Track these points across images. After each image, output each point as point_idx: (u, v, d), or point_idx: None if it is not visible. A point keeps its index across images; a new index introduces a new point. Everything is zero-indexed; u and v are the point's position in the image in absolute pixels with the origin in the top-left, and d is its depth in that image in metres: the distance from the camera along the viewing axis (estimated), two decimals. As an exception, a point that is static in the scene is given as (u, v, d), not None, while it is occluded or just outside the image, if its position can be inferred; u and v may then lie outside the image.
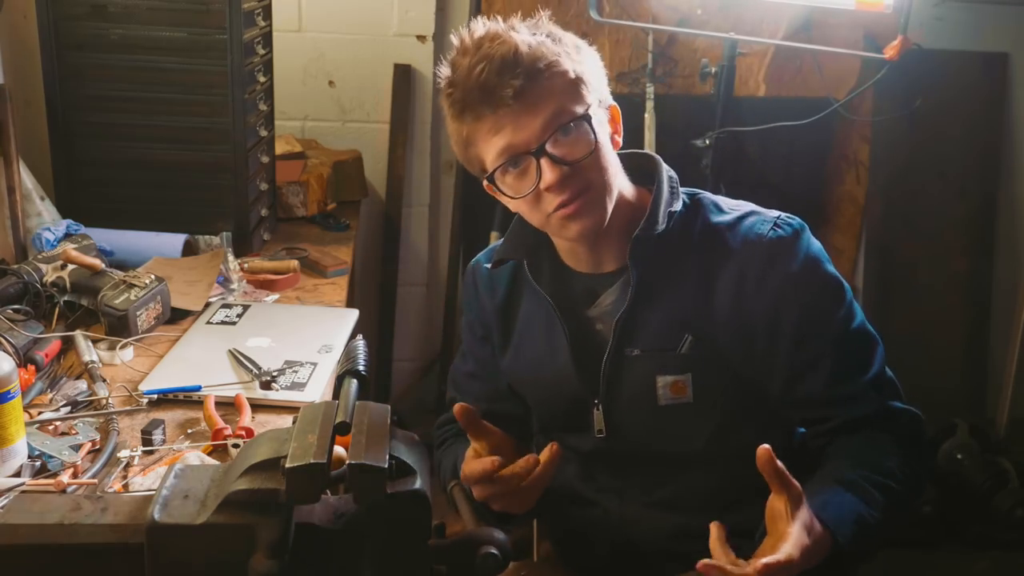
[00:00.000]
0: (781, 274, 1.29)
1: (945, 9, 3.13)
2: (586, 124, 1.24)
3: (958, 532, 2.89)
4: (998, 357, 3.36)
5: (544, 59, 1.22)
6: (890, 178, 3.28)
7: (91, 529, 0.92)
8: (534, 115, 1.22)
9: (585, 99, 1.26)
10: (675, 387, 1.31)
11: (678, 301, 1.30)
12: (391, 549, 0.96)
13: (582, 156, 1.23)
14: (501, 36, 1.23)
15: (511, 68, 1.20)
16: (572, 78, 1.24)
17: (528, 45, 1.22)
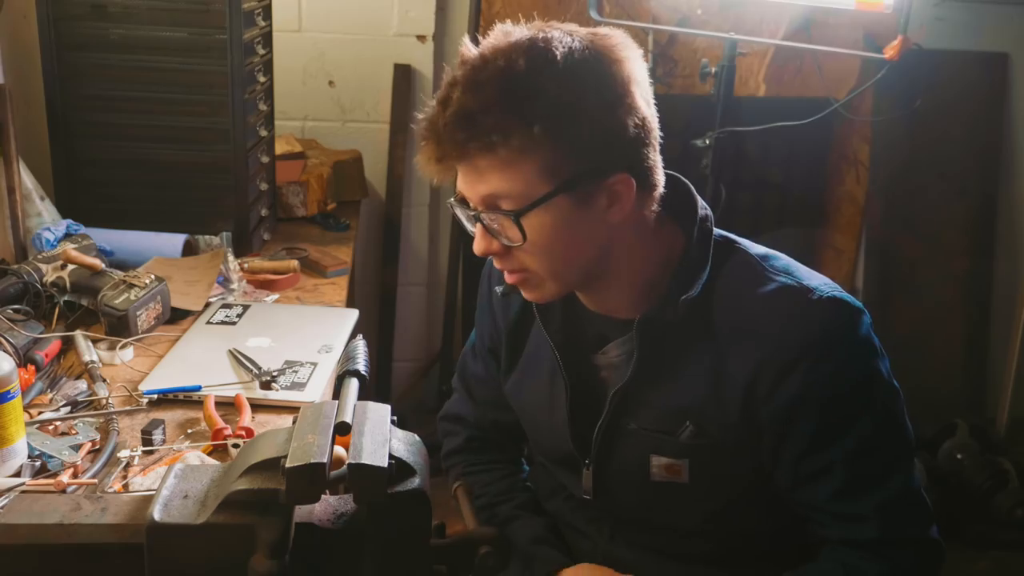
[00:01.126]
0: (806, 372, 1.12)
1: (945, 9, 3.13)
2: (511, 221, 1.09)
3: (958, 532, 2.89)
4: (998, 357, 3.36)
5: (479, 136, 1.05)
6: (890, 178, 3.28)
7: (91, 529, 0.92)
8: (473, 184, 1.11)
9: (529, 186, 1.07)
10: (670, 469, 1.21)
11: (684, 386, 1.18)
12: (391, 549, 0.96)
13: (511, 243, 1.12)
14: (462, 83, 1.07)
15: (454, 130, 1.06)
16: (512, 163, 1.06)
17: (472, 109, 1.05)
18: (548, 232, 1.10)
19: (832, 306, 1.14)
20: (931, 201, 3.32)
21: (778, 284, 1.16)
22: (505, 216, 1.09)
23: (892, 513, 1.16)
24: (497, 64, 1.06)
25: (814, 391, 1.12)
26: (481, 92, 1.05)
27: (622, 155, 1.10)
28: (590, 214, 1.11)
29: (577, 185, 1.08)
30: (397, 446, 0.98)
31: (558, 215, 1.09)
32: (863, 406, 1.14)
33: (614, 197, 1.11)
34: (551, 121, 1.05)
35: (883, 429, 1.16)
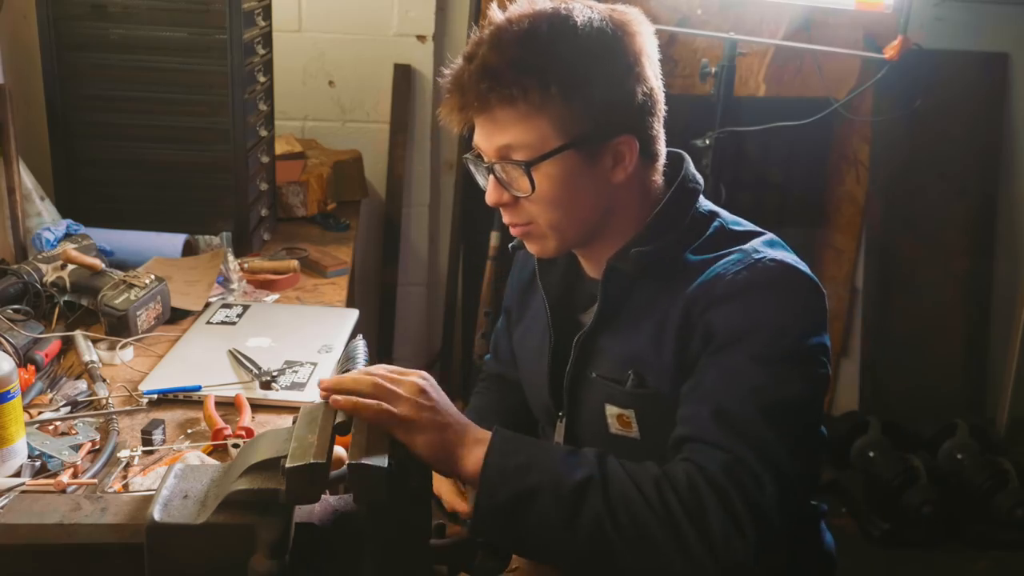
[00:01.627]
0: (726, 311, 1.15)
1: (945, 9, 3.13)
2: (522, 172, 1.17)
3: (958, 532, 2.89)
4: (998, 357, 3.36)
5: (488, 92, 1.14)
6: (890, 178, 3.28)
7: (91, 529, 0.92)
8: (491, 135, 1.19)
9: (542, 139, 1.16)
10: (621, 420, 1.26)
11: (633, 335, 1.23)
12: (391, 549, 0.96)
13: (520, 194, 1.20)
14: (488, 41, 1.16)
15: (478, 81, 1.15)
16: (529, 116, 1.15)
17: (497, 65, 1.14)
18: (555, 184, 1.18)
19: (772, 263, 1.17)
20: (931, 201, 3.32)
21: (738, 249, 1.21)
22: (516, 166, 1.17)
23: (729, 424, 1.08)
24: (522, 26, 1.15)
25: (727, 324, 1.13)
26: (506, 50, 1.14)
27: (629, 120, 1.19)
28: (595, 172, 1.19)
29: (586, 143, 1.17)
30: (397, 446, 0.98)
31: (565, 169, 1.17)
32: (764, 364, 1.11)
33: (618, 158, 1.19)
34: (567, 82, 1.14)
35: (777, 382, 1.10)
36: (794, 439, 1.08)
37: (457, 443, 1.04)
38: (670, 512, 1.01)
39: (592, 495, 1.02)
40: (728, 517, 1.00)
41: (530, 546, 1.05)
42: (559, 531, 1.01)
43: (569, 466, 1.04)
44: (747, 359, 1.10)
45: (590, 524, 1.01)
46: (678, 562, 1.00)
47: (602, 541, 1.01)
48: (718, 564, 0.99)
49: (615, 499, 1.02)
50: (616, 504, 1.01)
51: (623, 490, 1.02)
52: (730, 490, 1.01)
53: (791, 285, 1.17)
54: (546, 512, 1.01)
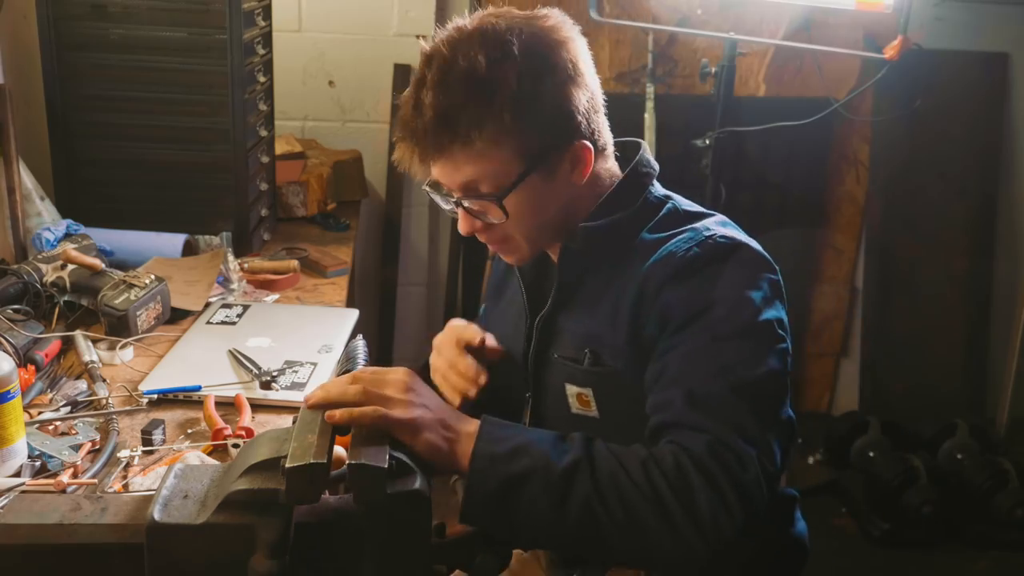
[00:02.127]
0: (679, 287, 1.17)
1: (945, 9, 3.13)
2: (493, 204, 1.20)
3: (958, 532, 2.89)
4: (998, 357, 3.36)
5: (450, 141, 1.16)
6: (890, 178, 3.28)
7: (91, 529, 0.92)
8: (452, 174, 1.21)
9: (504, 170, 1.18)
10: (580, 399, 1.27)
11: (590, 314, 1.26)
12: (391, 549, 0.96)
13: (494, 221, 1.23)
14: (432, 85, 1.18)
15: (433, 129, 1.17)
16: (488, 153, 1.17)
17: (447, 110, 1.15)
18: (524, 205, 1.21)
19: (723, 239, 1.20)
20: (931, 201, 3.32)
21: (689, 228, 1.23)
22: (487, 199, 1.20)
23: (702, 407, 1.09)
24: (460, 64, 1.16)
25: (683, 304, 1.15)
26: (452, 91, 1.16)
27: (579, 125, 1.22)
28: (557, 181, 1.23)
29: (545, 159, 1.20)
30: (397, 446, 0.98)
31: (532, 189, 1.20)
32: (726, 341, 1.12)
33: (576, 162, 1.23)
34: (517, 106, 1.16)
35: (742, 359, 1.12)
36: (768, 415, 1.10)
37: (455, 440, 1.05)
38: (658, 493, 1.02)
39: (581, 478, 1.03)
40: (716, 496, 1.01)
41: (521, 531, 1.05)
42: (549, 515, 1.02)
43: (557, 451, 1.05)
44: (708, 339, 1.12)
45: (580, 507, 1.02)
46: (667, 541, 1.01)
47: (592, 523, 1.02)
48: (707, 543, 1.00)
49: (603, 481, 1.03)
50: (605, 486, 1.02)
51: (611, 472, 1.03)
52: (716, 470, 1.02)
53: (742, 260, 1.19)
54: (536, 497, 1.02)
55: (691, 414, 1.08)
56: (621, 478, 1.03)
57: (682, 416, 1.09)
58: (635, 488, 1.02)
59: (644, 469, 1.03)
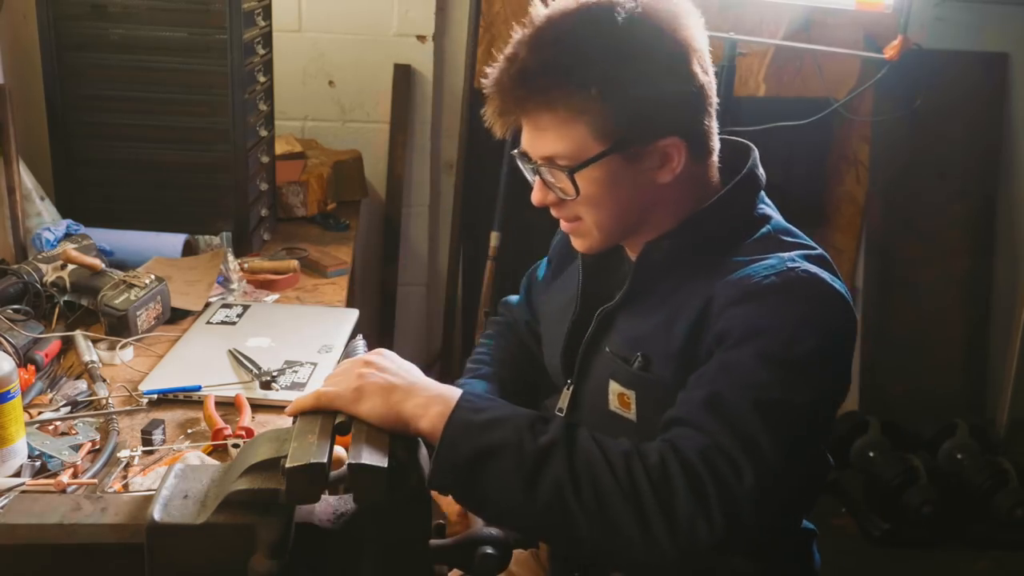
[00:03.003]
0: (746, 309, 1.10)
1: (945, 9, 3.13)
2: (566, 176, 1.17)
3: (958, 532, 2.89)
4: (998, 357, 3.36)
5: (540, 94, 1.13)
6: (890, 178, 3.28)
7: (91, 529, 0.92)
8: (535, 139, 1.18)
9: (584, 143, 1.14)
10: (621, 399, 1.24)
11: (651, 319, 1.21)
12: (391, 549, 0.96)
13: (565, 197, 1.20)
14: (527, 42, 1.14)
15: (518, 86, 1.14)
16: (570, 121, 1.14)
17: (535, 69, 1.13)
18: (599, 188, 1.17)
19: (804, 274, 1.12)
20: (931, 201, 3.33)
21: (775, 256, 1.16)
22: (561, 171, 1.16)
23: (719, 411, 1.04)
24: (561, 27, 1.14)
25: (743, 324, 1.09)
26: (543, 53, 1.13)
27: (674, 120, 1.16)
28: (640, 173, 1.18)
29: (628, 146, 1.15)
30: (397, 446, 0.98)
31: (609, 172, 1.16)
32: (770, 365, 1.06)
33: (664, 159, 1.17)
34: (607, 84, 1.12)
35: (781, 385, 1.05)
36: (788, 443, 1.03)
37: (403, 401, 1.02)
38: (635, 486, 0.97)
39: (556, 460, 0.99)
40: (696, 500, 0.96)
41: (487, 506, 1.01)
42: (517, 493, 0.98)
43: (536, 430, 1.01)
44: (754, 355, 1.06)
45: (550, 489, 0.98)
46: (637, 539, 0.96)
47: (561, 509, 0.97)
48: (677, 547, 0.96)
49: (579, 467, 0.99)
50: (580, 472, 0.98)
51: (589, 459, 0.99)
52: (703, 474, 0.98)
53: (816, 297, 1.12)
54: (506, 472, 0.98)
55: (702, 414, 1.04)
56: (598, 467, 0.99)
57: (692, 414, 1.05)
58: (612, 479, 0.98)
59: (625, 462, 0.99)
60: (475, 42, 2.94)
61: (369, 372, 1.04)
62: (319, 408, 1.01)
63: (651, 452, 1.01)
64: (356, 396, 1.01)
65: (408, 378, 1.06)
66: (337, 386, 1.02)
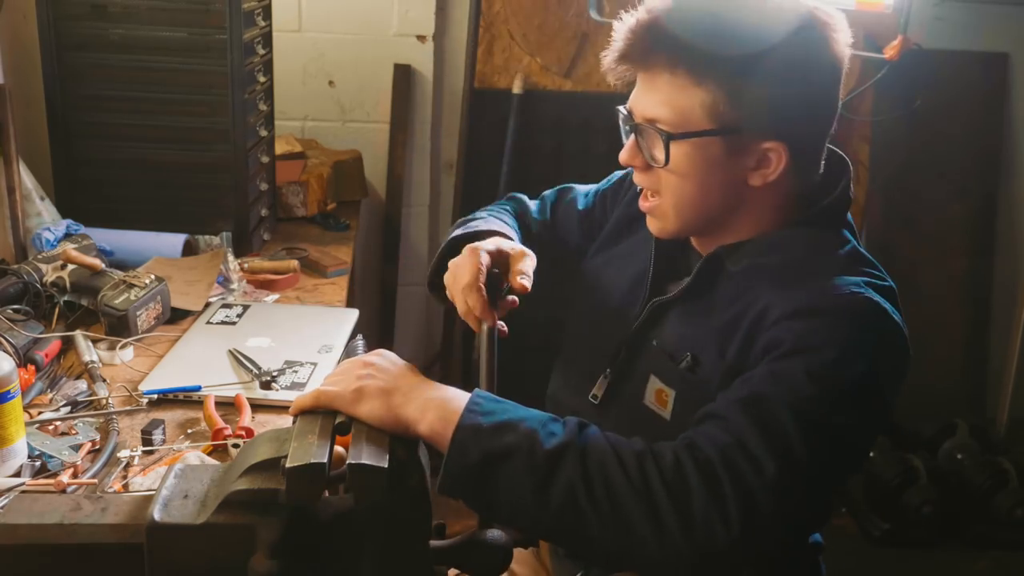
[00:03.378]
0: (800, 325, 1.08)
1: (945, 9, 3.13)
2: (661, 141, 1.14)
3: (958, 532, 2.89)
4: (998, 357, 3.36)
5: (668, 50, 1.12)
6: (890, 178, 3.28)
7: (91, 529, 0.92)
8: (644, 96, 1.16)
9: (692, 116, 1.12)
10: (659, 396, 1.22)
11: (706, 321, 1.19)
12: (391, 549, 0.96)
13: (654, 163, 1.17)
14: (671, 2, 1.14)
15: (650, 35, 1.13)
16: (688, 89, 1.12)
17: (673, 27, 1.11)
18: (690, 165, 1.15)
19: (866, 300, 1.11)
20: (931, 201, 3.32)
21: (840, 278, 1.14)
22: (658, 134, 1.14)
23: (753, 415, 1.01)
24: (715, 3, 1.13)
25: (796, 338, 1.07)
26: (687, 15, 1.12)
27: (789, 129, 1.14)
28: (733, 168, 1.15)
29: (732, 134, 1.13)
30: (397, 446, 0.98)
31: (704, 154, 1.14)
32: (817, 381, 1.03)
33: (762, 162, 1.15)
34: (738, 65, 1.10)
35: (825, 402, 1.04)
36: (819, 458, 1.01)
37: (403, 404, 1.01)
38: (649, 486, 0.96)
39: (568, 462, 0.97)
40: (713, 500, 0.95)
41: (499, 511, 1.00)
42: (529, 496, 0.97)
43: (548, 431, 1.00)
44: (803, 369, 1.03)
45: (563, 492, 0.96)
46: (650, 539, 0.95)
47: (574, 512, 0.96)
48: (693, 546, 0.94)
49: (592, 469, 0.97)
50: (593, 474, 0.97)
51: (602, 460, 0.98)
52: (723, 476, 0.96)
53: (878, 328, 1.11)
54: (518, 475, 0.97)
55: (737, 411, 1.01)
56: (612, 468, 0.97)
57: (727, 410, 1.02)
58: (625, 480, 0.96)
59: (638, 461, 0.98)
60: (475, 42, 2.94)
61: (368, 373, 1.04)
62: (319, 407, 1.01)
63: (666, 451, 1.00)
64: (355, 397, 1.01)
65: (408, 380, 1.06)
66: (336, 386, 1.02)
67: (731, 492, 0.96)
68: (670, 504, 0.95)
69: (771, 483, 0.97)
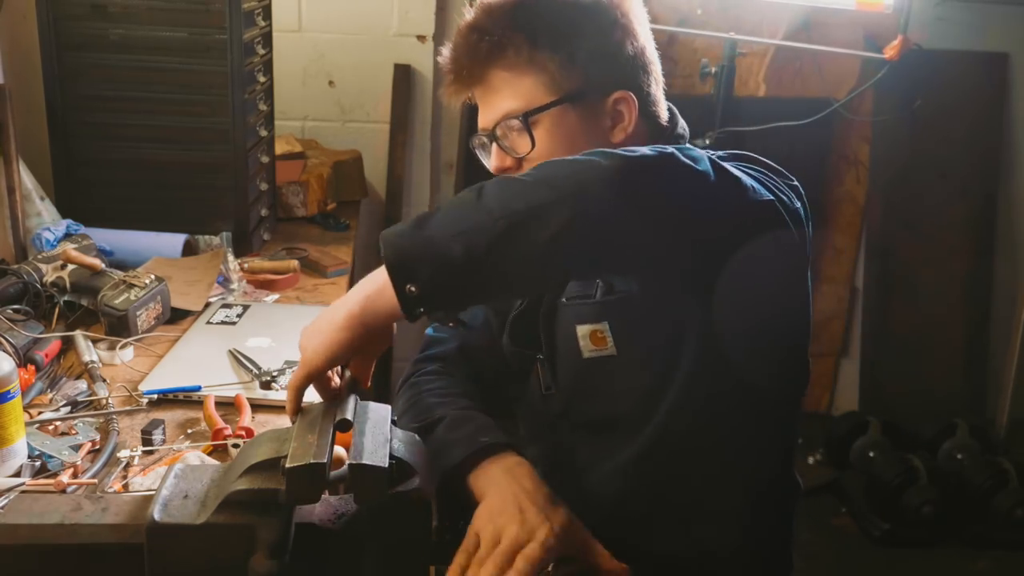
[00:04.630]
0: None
1: (945, 9, 3.13)
2: (520, 127, 1.21)
3: (958, 532, 2.89)
4: (998, 357, 3.36)
5: (480, 44, 1.21)
6: (890, 178, 3.28)
7: (92, 529, 0.92)
8: (489, 103, 1.24)
9: (534, 94, 1.21)
10: (595, 337, 1.22)
11: None
12: (391, 549, 0.96)
13: (521, 154, 1.23)
14: (478, 6, 1.24)
15: (470, 39, 1.22)
16: (521, 72, 1.21)
17: (486, 23, 1.21)
18: (554, 140, 1.22)
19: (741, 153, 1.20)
20: (931, 201, 3.33)
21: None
22: (517, 123, 1.21)
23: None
24: None
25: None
26: (494, 10, 1.22)
27: (621, 75, 1.24)
28: (594, 131, 1.23)
29: (580, 97, 1.21)
30: (397, 446, 0.98)
31: (564, 126, 1.22)
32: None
33: (617, 117, 1.24)
34: (555, 34, 1.20)
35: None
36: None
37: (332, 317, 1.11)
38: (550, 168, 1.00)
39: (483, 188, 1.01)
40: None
41: (445, 244, 0.99)
42: (470, 212, 0.99)
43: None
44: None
45: (495, 194, 0.98)
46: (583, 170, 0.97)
47: (512, 198, 0.97)
48: (618, 157, 0.97)
49: (502, 182, 1.01)
50: (506, 180, 1.00)
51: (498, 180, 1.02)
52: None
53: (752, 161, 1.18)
54: (450, 212, 1.02)
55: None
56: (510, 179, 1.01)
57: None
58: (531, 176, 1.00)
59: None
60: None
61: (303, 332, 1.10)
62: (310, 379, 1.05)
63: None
64: (308, 357, 1.06)
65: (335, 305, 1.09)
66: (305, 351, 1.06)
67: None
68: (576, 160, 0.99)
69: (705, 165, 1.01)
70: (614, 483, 1.26)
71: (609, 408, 1.27)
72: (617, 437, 1.26)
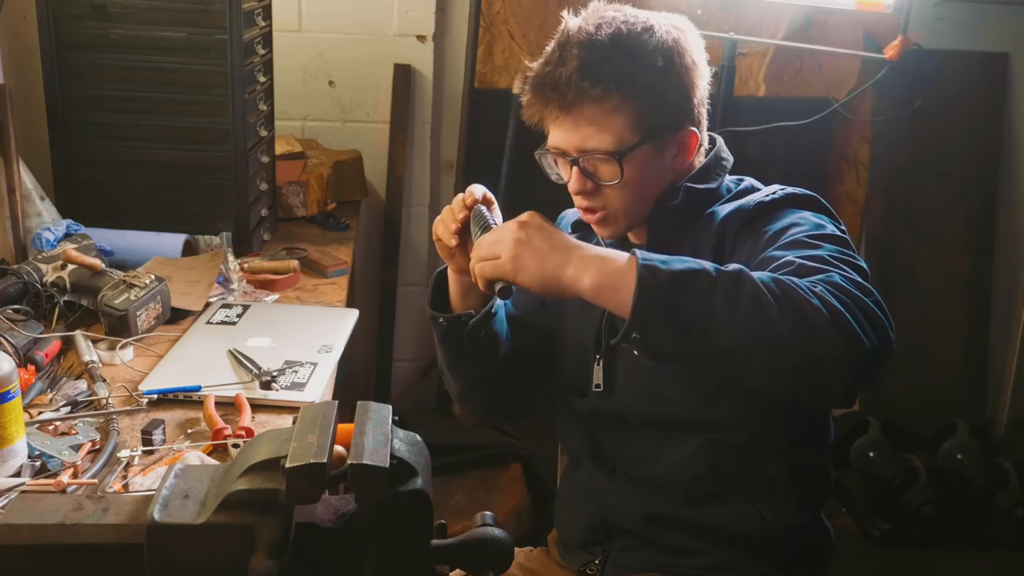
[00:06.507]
0: (756, 230, 1.30)
1: (945, 9, 3.13)
2: (614, 161, 1.31)
3: (958, 532, 2.89)
4: (998, 357, 3.36)
5: (590, 89, 1.29)
6: (890, 178, 3.28)
7: (92, 529, 0.92)
8: (577, 131, 1.32)
9: (625, 134, 1.31)
10: None
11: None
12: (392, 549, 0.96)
13: (607, 181, 1.34)
14: (576, 41, 1.31)
15: (568, 83, 1.29)
16: (616, 112, 1.30)
17: (595, 65, 1.29)
18: (637, 173, 1.34)
19: (800, 190, 1.37)
20: (931, 201, 3.32)
21: (765, 188, 1.42)
22: (606, 157, 1.32)
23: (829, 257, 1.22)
24: (608, 33, 1.32)
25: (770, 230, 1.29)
26: (599, 47, 1.31)
27: (693, 114, 1.39)
28: (662, 163, 1.37)
29: (660, 136, 1.35)
30: (398, 446, 0.98)
31: (644, 159, 1.34)
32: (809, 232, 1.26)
33: (682, 148, 1.39)
34: (651, 77, 1.32)
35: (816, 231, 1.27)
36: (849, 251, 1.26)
37: (561, 265, 1.14)
38: (823, 298, 1.09)
39: (747, 278, 1.09)
40: (871, 304, 1.12)
41: (688, 323, 1.08)
42: (720, 304, 1.07)
43: (713, 265, 1.12)
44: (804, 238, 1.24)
45: (750, 299, 1.07)
46: (837, 338, 1.07)
47: (761, 316, 1.07)
48: (871, 342, 1.10)
49: (769, 282, 1.10)
50: (772, 287, 1.09)
51: (773, 277, 1.11)
52: (855, 290, 1.11)
53: (820, 204, 1.35)
54: (705, 288, 1.08)
55: (804, 261, 1.17)
56: (784, 281, 1.10)
57: (797, 261, 1.18)
58: (801, 291, 1.08)
59: (809, 282, 1.11)
60: (475, 42, 2.94)
61: (521, 238, 1.17)
62: (486, 283, 1.20)
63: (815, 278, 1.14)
64: (515, 267, 1.16)
65: (562, 241, 1.17)
66: (493, 255, 1.18)
67: (874, 300, 1.13)
68: (844, 303, 1.09)
69: (876, 297, 1.15)
70: (680, 472, 1.39)
71: (666, 409, 1.39)
72: (675, 434, 1.39)
